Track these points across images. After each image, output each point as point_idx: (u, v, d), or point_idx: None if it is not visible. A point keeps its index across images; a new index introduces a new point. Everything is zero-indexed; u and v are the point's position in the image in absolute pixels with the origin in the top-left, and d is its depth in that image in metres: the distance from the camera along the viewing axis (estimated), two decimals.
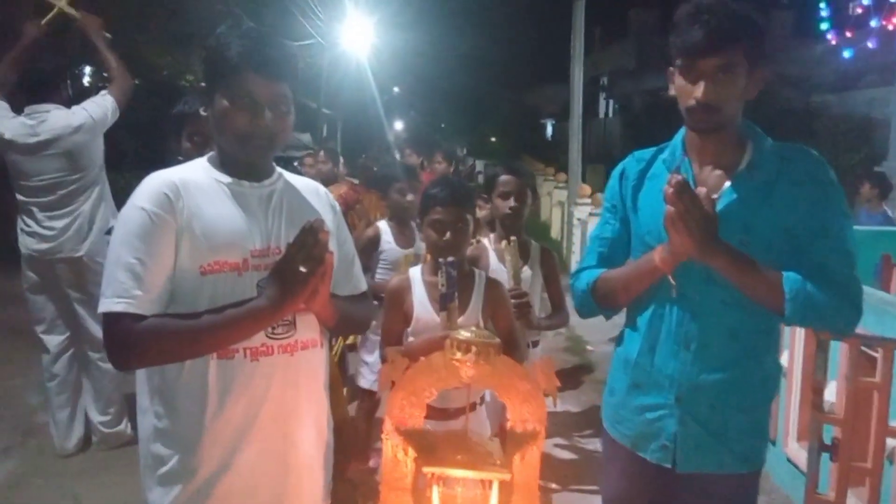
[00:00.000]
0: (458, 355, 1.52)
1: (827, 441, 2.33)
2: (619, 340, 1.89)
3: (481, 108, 29.74)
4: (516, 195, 2.90)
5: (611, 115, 29.28)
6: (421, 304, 2.32)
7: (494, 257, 2.94)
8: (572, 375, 5.39)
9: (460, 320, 2.23)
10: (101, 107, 3.61)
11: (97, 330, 3.63)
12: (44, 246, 3.57)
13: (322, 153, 5.06)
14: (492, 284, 2.38)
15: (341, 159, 5.86)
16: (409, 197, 3.66)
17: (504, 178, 2.93)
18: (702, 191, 1.58)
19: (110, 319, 1.44)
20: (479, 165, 18.48)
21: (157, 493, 1.54)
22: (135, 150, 10.89)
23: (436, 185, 2.36)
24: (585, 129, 11.68)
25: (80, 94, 4.47)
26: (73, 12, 3.59)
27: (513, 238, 2.82)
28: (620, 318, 1.90)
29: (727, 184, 1.69)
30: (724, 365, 1.68)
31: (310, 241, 1.43)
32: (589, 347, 6.11)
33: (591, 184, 10.49)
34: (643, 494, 1.80)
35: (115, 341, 1.45)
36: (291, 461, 1.58)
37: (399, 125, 25.32)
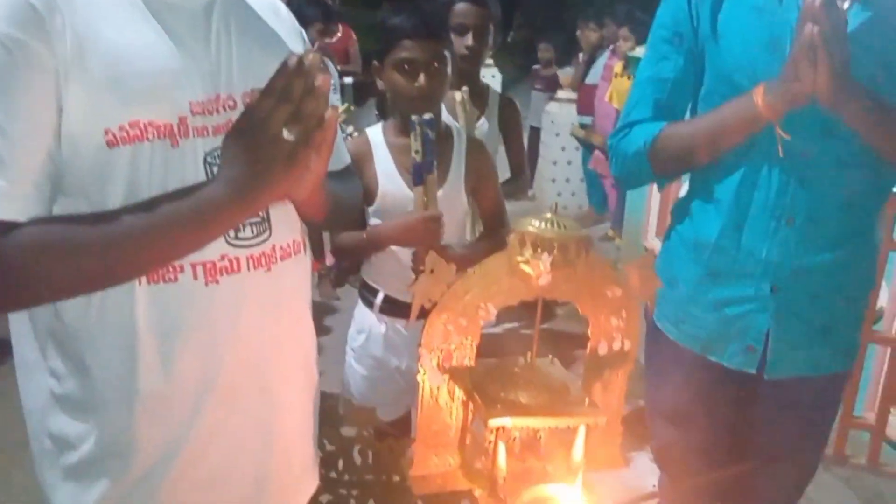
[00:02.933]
0: (529, 255, 1.02)
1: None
2: (678, 216, 1.46)
3: None
4: (476, 30, 2.29)
5: None
6: (386, 175, 1.76)
7: (443, 107, 2.38)
8: None
9: (440, 195, 1.71)
10: None
11: None
12: None
13: None
14: (474, 146, 1.86)
15: None
16: None
17: (461, 6, 2.30)
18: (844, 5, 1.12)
19: None
20: None
21: (68, 494, 0.98)
22: None
23: (400, 12, 1.74)
24: None
25: None
26: None
27: (465, 88, 2.27)
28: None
29: None
30: (835, 242, 1.31)
31: (297, 87, 0.84)
32: None
33: None
34: (711, 407, 1.44)
35: None
36: (276, 427, 1.05)
37: None
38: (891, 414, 2.41)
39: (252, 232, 0.98)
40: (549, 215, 1.03)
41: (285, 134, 0.85)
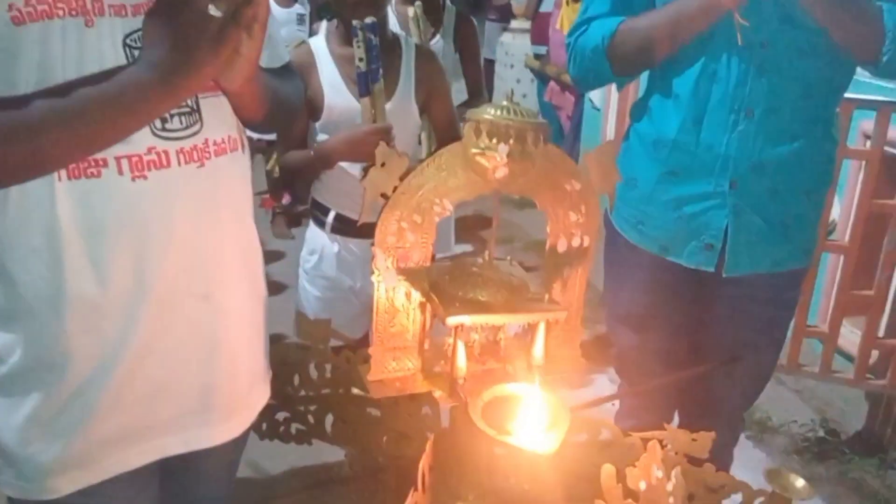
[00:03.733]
0: (485, 146, 0.97)
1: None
2: (636, 115, 1.42)
3: None
4: None
5: None
6: (332, 86, 1.68)
7: (395, 21, 2.28)
8: None
9: (388, 107, 1.64)
10: None
11: None
12: None
13: None
14: (424, 55, 1.78)
15: None
16: None
17: None
18: None
19: None
20: None
21: None
22: None
23: None
24: None
25: None
26: None
27: (418, 3, 2.18)
28: None
29: None
30: (793, 135, 1.28)
31: None
32: None
33: None
34: (670, 309, 1.43)
35: None
36: (221, 337, 1.00)
37: None
38: (842, 325, 2.46)
39: (181, 123, 0.91)
40: (504, 102, 0.98)
41: (212, 10, 0.78)
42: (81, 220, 0.85)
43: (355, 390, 1.28)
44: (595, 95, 4.62)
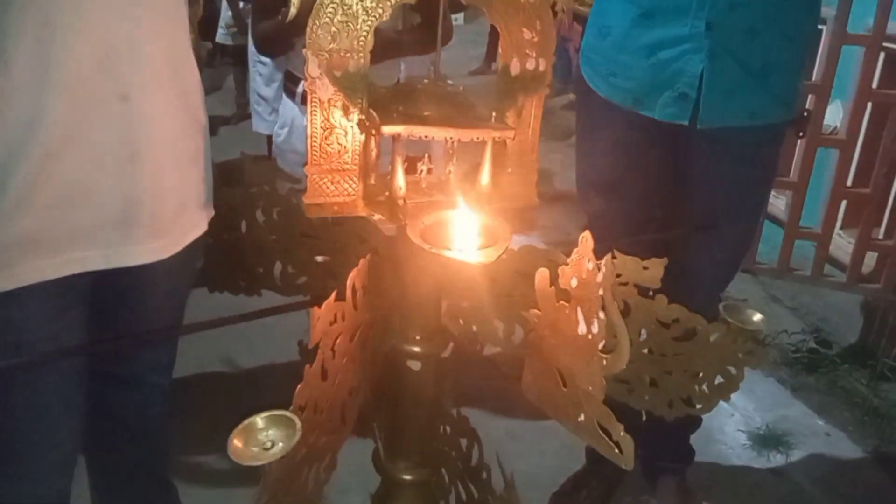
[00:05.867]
0: None
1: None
2: None
3: None
4: None
5: None
6: None
7: None
8: None
9: None
10: None
11: None
12: None
13: None
14: None
15: None
16: None
17: None
18: None
19: None
20: None
21: None
22: None
23: None
24: None
25: None
26: None
27: None
28: None
29: None
30: None
31: None
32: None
33: None
34: (641, 170, 1.36)
35: None
36: (142, 147, 0.95)
37: None
38: (839, 235, 2.39)
39: None
40: None
41: None
42: None
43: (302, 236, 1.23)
44: None
